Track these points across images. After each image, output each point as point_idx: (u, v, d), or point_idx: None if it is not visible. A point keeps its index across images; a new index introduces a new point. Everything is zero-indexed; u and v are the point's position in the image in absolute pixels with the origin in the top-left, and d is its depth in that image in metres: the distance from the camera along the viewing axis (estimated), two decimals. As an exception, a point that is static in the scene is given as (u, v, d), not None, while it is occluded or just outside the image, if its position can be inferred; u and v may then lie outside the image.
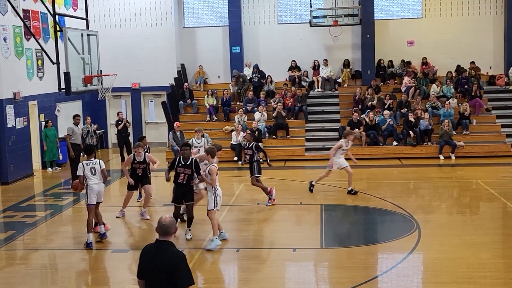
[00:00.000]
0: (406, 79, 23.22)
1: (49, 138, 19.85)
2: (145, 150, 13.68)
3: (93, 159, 11.58)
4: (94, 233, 11.65)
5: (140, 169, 13.40)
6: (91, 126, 20.00)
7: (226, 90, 23.25)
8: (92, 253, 11.25)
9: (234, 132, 21.06)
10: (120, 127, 21.42)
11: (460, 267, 9.83)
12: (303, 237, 11.95)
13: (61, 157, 20.42)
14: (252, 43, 25.08)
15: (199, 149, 15.03)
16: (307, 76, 24.33)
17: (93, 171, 11.38)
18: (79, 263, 10.95)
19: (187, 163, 11.37)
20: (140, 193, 14.87)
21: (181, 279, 5.42)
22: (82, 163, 11.46)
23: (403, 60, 24.32)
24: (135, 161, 13.34)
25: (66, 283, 9.84)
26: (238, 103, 23.37)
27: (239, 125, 21.05)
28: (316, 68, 24.36)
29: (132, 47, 24.08)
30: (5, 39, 17.90)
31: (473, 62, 23.53)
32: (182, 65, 25.01)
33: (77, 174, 11.50)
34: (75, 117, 18.25)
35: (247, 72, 24.40)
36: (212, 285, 9.65)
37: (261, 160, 15.87)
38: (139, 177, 13.43)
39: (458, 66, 23.86)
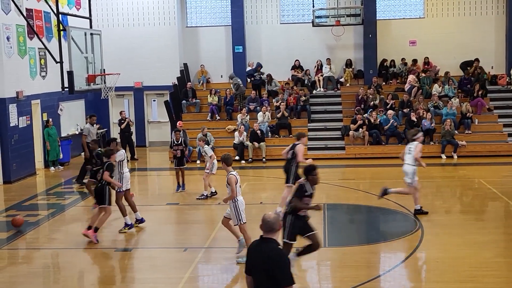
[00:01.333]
0: (410, 77, 23.19)
1: (51, 137, 19.89)
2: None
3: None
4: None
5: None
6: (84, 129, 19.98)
7: (228, 90, 23.26)
8: (95, 252, 11.28)
9: (236, 132, 21.07)
10: (123, 126, 21.46)
11: (462, 266, 9.83)
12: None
13: (61, 156, 20.44)
14: (254, 43, 25.09)
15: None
16: (309, 75, 24.32)
17: (127, 160, 12.60)
18: (81, 262, 10.97)
19: None
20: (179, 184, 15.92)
21: (283, 279, 5.46)
22: (122, 151, 12.59)
23: (403, 59, 24.30)
24: None
25: (69, 282, 9.85)
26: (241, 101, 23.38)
27: (242, 125, 21.06)
28: (319, 68, 24.37)
29: (135, 46, 24.11)
30: (8, 38, 17.93)
31: (477, 60, 23.49)
32: (185, 65, 25.03)
33: (118, 160, 12.27)
34: (91, 117, 18.41)
35: (250, 71, 24.40)
36: (215, 284, 9.66)
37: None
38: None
39: (463, 63, 23.84)
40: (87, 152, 17.07)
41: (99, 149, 14.22)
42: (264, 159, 20.42)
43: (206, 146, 15.89)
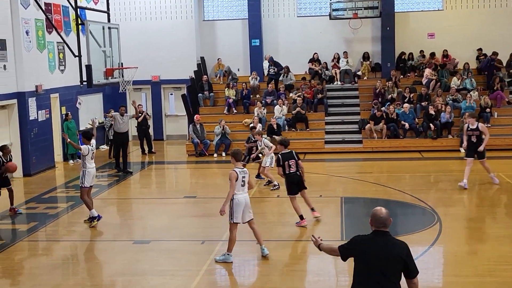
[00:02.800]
0: (427, 71, 23.04)
1: (70, 130, 20.05)
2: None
3: (94, 144, 12.75)
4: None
5: None
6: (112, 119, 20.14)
7: (245, 83, 23.27)
8: (113, 244, 11.38)
9: (251, 125, 21.05)
10: (140, 119, 21.56)
11: (481, 260, 9.77)
12: (323, 230, 11.94)
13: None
14: (271, 36, 25.04)
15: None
16: (326, 69, 24.24)
17: (92, 156, 12.50)
18: (100, 254, 11.08)
19: None
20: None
21: (414, 269, 5.55)
22: (88, 147, 12.47)
23: (421, 51, 24.12)
24: None
25: (87, 274, 9.94)
26: (257, 96, 23.38)
27: (256, 118, 21.05)
28: (336, 61, 24.28)
29: (152, 40, 24.19)
30: (27, 32, 18.08)
31: (495, 53, 23.24)
32: (202, 58, 25.07)
33: (82, 153, 12.49)
34: (120, 107, 18.75)
35: (267, 65, 24.38)
36: (231, 277, 9.70)
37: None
38: None
39: (480, 51, 23.68)
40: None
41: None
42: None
43: (264, 138, 15.91)
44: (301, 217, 11.94)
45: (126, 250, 10.97)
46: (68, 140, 13.60)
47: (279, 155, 11.79)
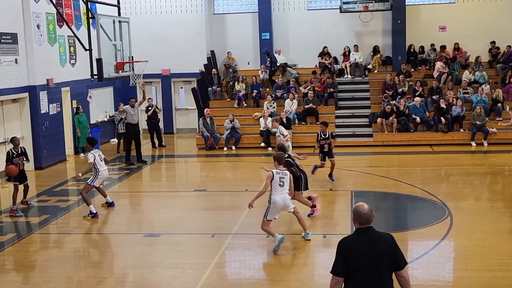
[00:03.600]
0: (438, 64, 22.92)
1: (81, 124, 20.15)
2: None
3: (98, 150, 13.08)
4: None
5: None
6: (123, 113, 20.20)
7: (255, 77, 23.25)
8: (124, 237, 11.44)
9: (261, 118, 21.08)
10: (149, 113, 21.62)
11: (492, 255, 9.73)
12: (333, 224, 11.96)
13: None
14: (281, 29, 24.99)
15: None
16: (336, 62, 24.15)
17: (101, 159, 12.73)
18: (111, 247, 11.14)
19: None
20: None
21: (402, 260, 5.46)
22: (92, 153, 12.64)
23: (432, 45, 23.98)
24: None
25: (98, 267, 10.00)
26: (267, 89, 23.36)
27: (266, 111, 21.06)
28: (346, 54, 24.20)
29: (163, 34, 24.22)
30: (38, 26, 18.14)
31: (510, 46, 23.08)
32: (212, 52, 25.06)
33: (88, 161, 12.63)
34: (130, 99, 18.82)
35: (277, 58, 24.34)
36: (242, 270, 9.72)
37: None
38: None
39: (493, 44, 23.51)
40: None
41: None
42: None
43: (281, 126, 16.04)
44: (313, 206, 11.92)
45: (137, 243, 11.02)
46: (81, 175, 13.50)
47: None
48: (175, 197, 14.71)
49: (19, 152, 13.43)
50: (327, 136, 15.08)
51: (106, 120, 22.75)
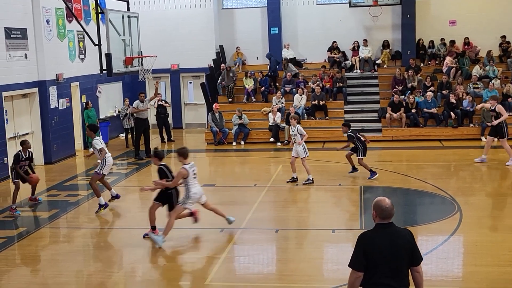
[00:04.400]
0: (447, 59, 22.80)
1: (91, 119, 20.21)
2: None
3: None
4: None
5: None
6: (130, 108, 20.27)
7: (261, 72, 23.22)
8: (133, 232, 11.47)
9: (270, 113, 21.07)
10: (155, 104, 21.62)
11: (502, 250, 9.69)
12: (342, 218, 11.94)
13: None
14: (290, 24, 24.93)
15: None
16: (345, 58, 24.05)
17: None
18: (120, 241, 11.18)
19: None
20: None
21: (419, 256, 5.47)
22: (98, 139, 12.65)
23: (442, 39, 23.85)
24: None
25: (108, 261, 10.05)
26: (277, 84, 23.32)
27: (274, 107, 21.04)
28: (355, 49, 24.12)
29: (172, 28, 24.22)
30: (47, 22, 18.20)
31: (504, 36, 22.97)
32: (221, 47, 25.05)
33: (99, 148, 12.48)
34: (140, 94, 18.88)
35: (286, 53, 24.31)
36: (251, 265, 9.73)
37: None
38: None
39: (503, 38, 23.40)
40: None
41: None
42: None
43: (298, 125, 14.84)
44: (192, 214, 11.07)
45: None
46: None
47: (164, 167, 10.81)
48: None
49: (28, 156, 13.13)
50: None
51: (115, 115, 22.81)
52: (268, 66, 23.57)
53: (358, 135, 15.11)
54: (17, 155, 13.02)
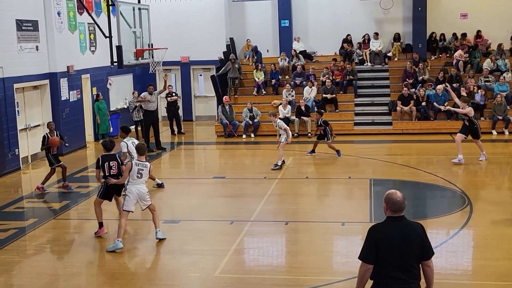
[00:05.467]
0: (458, 53, 22.66)
1: (101, 111, 20.29)
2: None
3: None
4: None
5: None
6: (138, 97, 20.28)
7: (274, 64, 23.19)
8: (143, 223, 11.53)
9: (280, 106, 21.05)
10: (170, 99, 21.65)
11: (512, 244, 9.67)
12: (352, 211, 11.93)
13: (111, 130, 20.90)
14: (301, 17, 24.86)
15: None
16: (359, 48, 23.92)
17: (134, 146, 12.01)
18: (131, 233, 11.21)
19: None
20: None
21: (430, 250, 5.46)
22: (125, 141, 12.50)
23: (454, 34, 23.71)
24: None
25: (118, 253, 10.09)
26: (286, 77, 23.29)
27: (284, 100, 21.02)
28: (366, 42, 24.03)
29: (182, 21, 24.22)
30: (59, 14, 18.25)
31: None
32: (231, 39, 25.02)
33: (122, 151, 12.36)
34: (149, 86, 18.94)
35: (296, 46, 24.26)
36: (261, 257, 9.76)
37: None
38: None
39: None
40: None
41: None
42: (309, 134, 20.35)
43: (279, 120, 16.30)
44: (100, 225, 10.88)
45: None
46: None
47: (100, 157, 10.78)
48: (194, 184, 14.79)
49: (54, 136, 13.69)
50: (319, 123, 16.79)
51: (125, 107, 22.87)
52: (255, 58, 23.48)
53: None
54: (44, 138, 13.71)
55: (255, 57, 23.96)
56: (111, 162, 10.59)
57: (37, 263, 9.75)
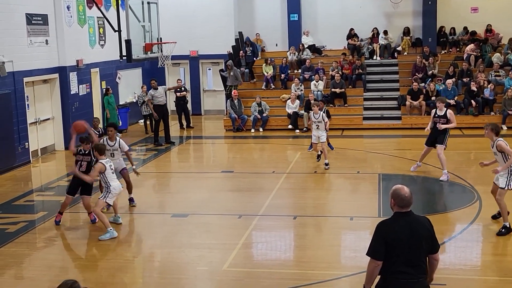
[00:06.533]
0: (469, 47, 22.52)
1: (111, 105, 20.35)
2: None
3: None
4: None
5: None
6: (147, 94, 20.32)
7: (284, 59, 23.15)
8: (152, 217, 11.57)
9: (289, 100, 21.02)
10: (180, 94, 21.67)
11: (522, 240, 9.62)
12: (360, 206, 11.91)
13: (120, 123, 20.97)
14: (310, 11, 24.78)
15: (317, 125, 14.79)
16: (370, 43, 23.81)
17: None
18: (139, 227, 11.28)
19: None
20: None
21: (437, 244, 5.48)
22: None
23: (465, 27, 23.56)
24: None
25: (127, 246, 10.15)
26: (295, 71, 23.24)
27: (293, 94, 20.98)
28: (375, 36, 23.93)
29: (191, 15, 24.20)
30: (68, 8, 18.30)
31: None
32: (240, 33, 24.99)
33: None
34: (151, 81, 19.05)
35: (305, 40, 24.21)
36: (269, 251, 9.77)
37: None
38: None
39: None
40: (155, 114, 18.52)
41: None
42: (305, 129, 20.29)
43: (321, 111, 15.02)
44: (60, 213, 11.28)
45: (165, 223, 11.15)
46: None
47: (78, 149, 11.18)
48: (202, 178, 14.81)
49: (100, 133, 13.20)
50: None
51: (134, 101, 22.92)
52: (250, 49, 23.31)
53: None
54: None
55: (251, 48, 23.64)
56: (84, 158, 11.02)
57: (47, 256, 9.81)
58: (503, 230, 9.78)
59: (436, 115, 13.59)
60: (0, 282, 8.70)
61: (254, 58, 23.82)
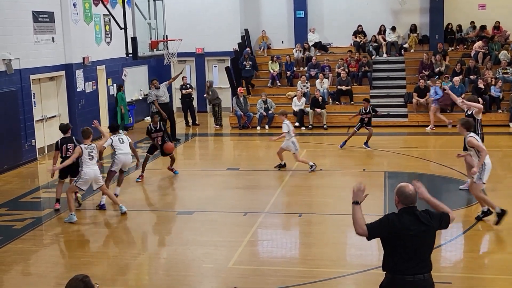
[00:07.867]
0: (477, 44, 22.41)
1: (123, 101, 20.44)
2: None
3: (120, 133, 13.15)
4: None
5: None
6: (150, 96, 20.32)
7: (289, 56, 23.12)
8: (158, 214, 11.59)
9: (295, 98, 21.00)
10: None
11: (528, 238, 9.58)
12: (366, 204, 11.75)
13: (131, 120, 21.05)
14: (316, 8, 24.72)
15: None
16: (375, 41, 23.76)
17: (121, 141, 12.55)
18: (145, 224, 11.29)
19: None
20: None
21: (444, 219, 5.56)
22: (111, 137, 12.66)
23: (472, 22, 23.44)
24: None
25: (132, 243, 10.18)
26: (301, 68, 23.21)
27: (299, 91, 20.96)
28: (382, 33, 23.86)
29: (197, 12, 24.19)
30: (74, 5, 18.33)
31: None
32: (246, 30, 24.97)
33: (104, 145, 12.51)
34: (152, 81, 18.99)
35: (311, 37, 24.17)
36: (274, 249, 9.77)
37: None
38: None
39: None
40: (163, 114, 18.28)
41: None
42: (325, 126, 20.31)
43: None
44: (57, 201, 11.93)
45: (170, 220, 11.17)
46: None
47: (59, 140, 11.83)
48: (208, 176, 14.82)
49: (158, 128, 14.27)
50: (367, 111, 16.62)
51: (140, 98, 22.96)
52: (249, 63, 22.69)
53: None
54: (147, 129, 14.43)
55: (250, 63, 22.92)
56: (68, 145, 11.69)
57: (54, 252, 9.85)
58: (496, 218, 9.89)
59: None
60: (7, 278, 8.75)
61: (255, 71, 23.27)
